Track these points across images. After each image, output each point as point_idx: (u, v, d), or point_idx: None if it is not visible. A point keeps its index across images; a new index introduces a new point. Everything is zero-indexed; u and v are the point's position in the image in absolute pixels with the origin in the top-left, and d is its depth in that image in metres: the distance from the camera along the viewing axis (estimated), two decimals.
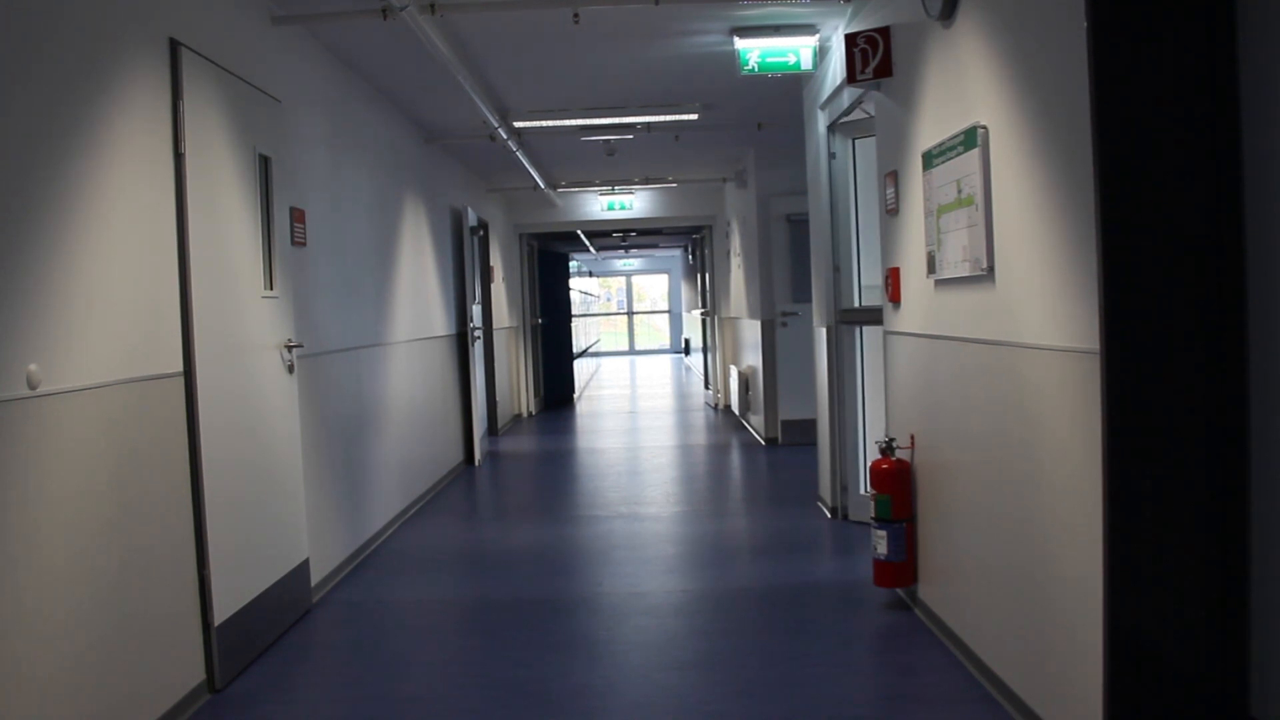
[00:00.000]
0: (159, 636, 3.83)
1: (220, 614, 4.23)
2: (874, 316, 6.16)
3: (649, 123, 8.79)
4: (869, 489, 5.11)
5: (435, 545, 6.95)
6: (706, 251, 16.91)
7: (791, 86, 7.60)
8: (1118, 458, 2.89)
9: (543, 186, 12.12)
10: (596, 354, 32.06)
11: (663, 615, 5.25)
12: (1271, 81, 2.78)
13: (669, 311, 35.60)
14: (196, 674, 4.11)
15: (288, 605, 5.03)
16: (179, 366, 4.06)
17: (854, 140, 6.95)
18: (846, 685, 4.21)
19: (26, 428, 3.08)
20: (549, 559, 6.51)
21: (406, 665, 4.62)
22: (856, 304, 6.99)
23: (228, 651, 4.28)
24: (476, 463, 10.37)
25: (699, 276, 20.32)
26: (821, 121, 7.04)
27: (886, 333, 5.40)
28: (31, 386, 3.09)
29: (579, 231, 17.05)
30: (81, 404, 3.38)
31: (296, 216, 5.49)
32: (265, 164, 4.98)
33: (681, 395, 18.32)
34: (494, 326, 12.43)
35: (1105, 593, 2.93)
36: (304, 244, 5.64)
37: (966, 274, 4.00)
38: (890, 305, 5.26)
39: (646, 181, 13.16)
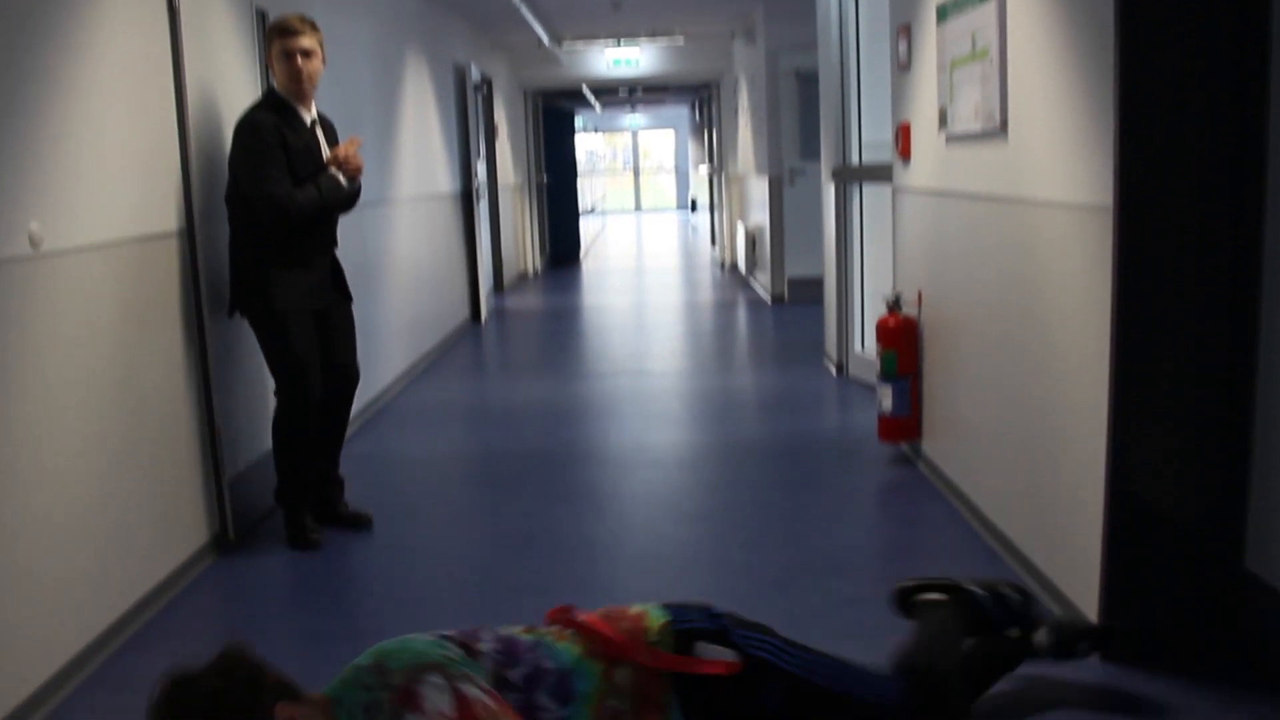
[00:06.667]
0: (171, 491, 3.89)
1: (231, 468, 4.29)
2: (879, 173, 6.09)
3: None
4: (875, 346, 5.11)
5: (444, 401, 7.01)
6: (714, 108, 16.66)
7: None
8: (1126, 313, 2.88)
9: (547, 42, 11.87)
10: (603, 212, 31.87)
11: (668, 468, 5.31)
12: None
13: (675, 169, 35.22)
14: (210, 527, 4.18)
15: None
16: (181, 224, 4.03)
17: None
18: (850, 537, 4.28)
19: (30, 286, 3.07)
20: (555, 414, 6.57)
21: (417, 517, 4.70)
22: (858, 160, 6.90)
23: (240, 505, 4.35)
24: (483, 320, 10.39)
25: (706, 133, 20.06)
26: None
27: (896, 189, 5.34)
28: (34, 245, 3.07)
29: (585, 88, 16.78)
30: (85, 262, 3.37)
31: None
32: (262, 19, 4.86)
33: (688, 253, 18.27)
34: (499, 184, 12.32)
35: (1108, 448, 2.95)
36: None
37: (979, 129, 3.93)
38: (900, 161, 5.20)
39: (654, 35, 12.88)
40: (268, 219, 4.01)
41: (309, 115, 4.24)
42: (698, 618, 2.37)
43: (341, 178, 4.20)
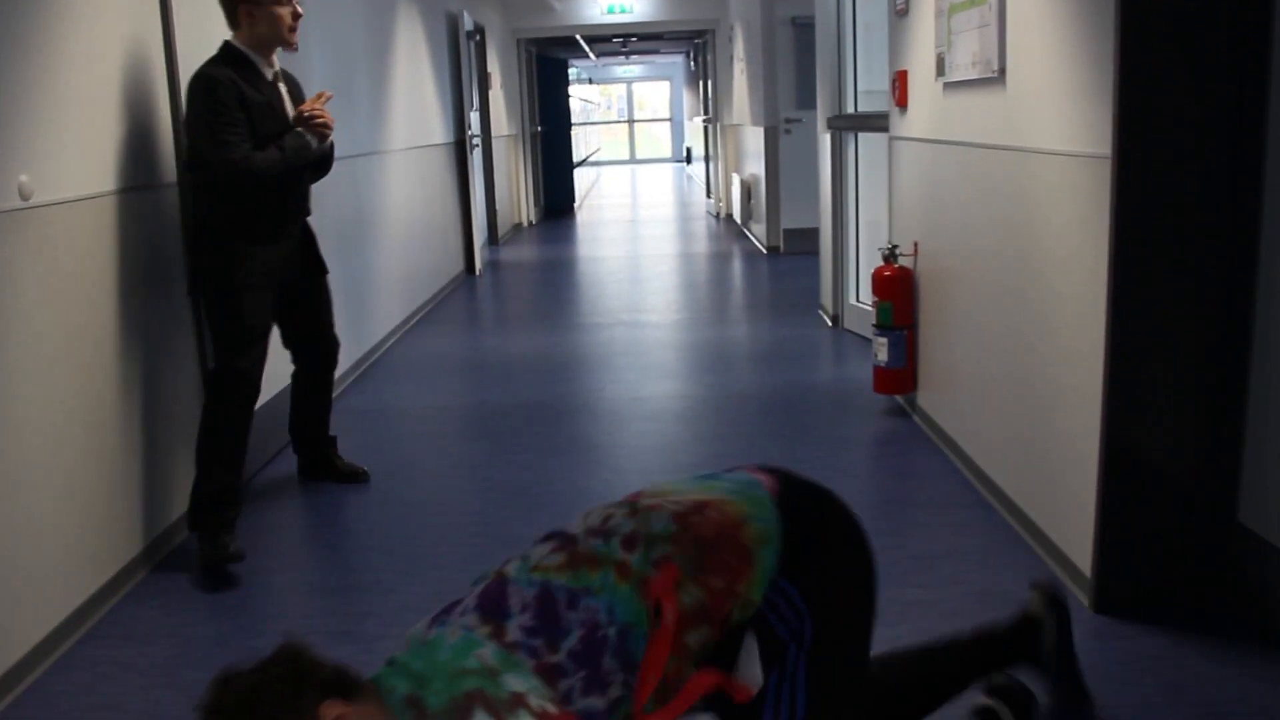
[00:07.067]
0: (171, 442, 3.88)
1: None
2: (875, 122, 6.04)
3: None
4: (871, 297, 5.09)
5: (438, 353, 7.00)
6: (709, 58, 16.52)
7: None
8: (1124, 264, 2.86)
9: None
10: (597, 163, 31.72)
11: (663, 420, 5.31)
12: None
13: (670, 120, 35.01)
14: None
15: None
16: (174, 176, 3.99)
17: None
18: (845, 488, 4.22)
19: (21, 239, 3.04)
20: (550, 366, 6.56)
21: (411, 470, 4.70)
22: (854, 109, 6.85)
23: None
24: (477, 272, 10.35)
25: (701, 83, 19.92)
26: None
27: (892, 138, 5.30)
28: (24, 198, 3.04)
29: (578, 37, 16.63)
30: (78, 215, 3.34)
31: None
32: None
33: (683, 204, 18.19)
34: (493, 134, 12.23)
35: (1104, 403, 2.95)
36: (296, 50, 5.48)
37: (976, 77, 3.90)
38: (896, 110, 5.15)
39: None
40: (227, 184, 3.69)
41: (270, 70, 3.88)
42: (787, 612, 1.95)
43: (310, 137, 3.85)
